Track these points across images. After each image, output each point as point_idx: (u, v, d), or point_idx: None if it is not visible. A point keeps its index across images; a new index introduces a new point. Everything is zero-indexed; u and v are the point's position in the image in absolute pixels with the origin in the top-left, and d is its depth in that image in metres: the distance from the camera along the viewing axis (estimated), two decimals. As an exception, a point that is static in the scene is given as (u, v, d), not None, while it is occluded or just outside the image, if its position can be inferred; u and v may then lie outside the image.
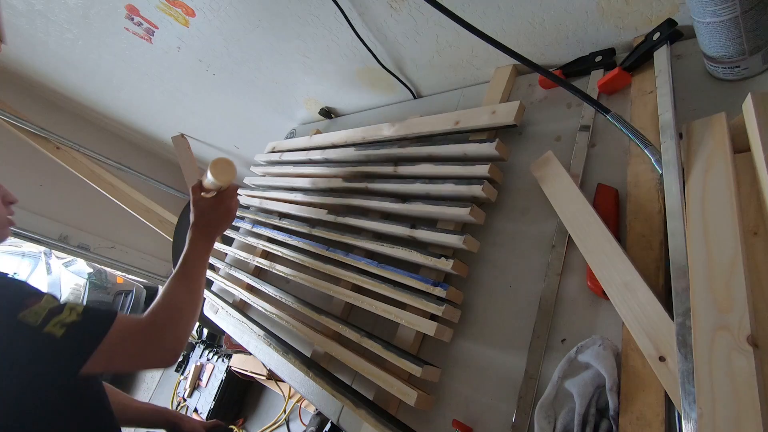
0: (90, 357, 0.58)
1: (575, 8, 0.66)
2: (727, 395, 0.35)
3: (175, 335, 0.67)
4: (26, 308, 0.57)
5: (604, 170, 0.62)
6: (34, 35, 1.43)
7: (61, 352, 0.57)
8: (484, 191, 0.65)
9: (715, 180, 0.45)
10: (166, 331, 0.66)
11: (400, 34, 0.87)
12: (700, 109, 0.56)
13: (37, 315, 0.57)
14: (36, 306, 0.58)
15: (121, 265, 2.40)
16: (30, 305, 0.58)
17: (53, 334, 0.57)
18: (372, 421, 0.63)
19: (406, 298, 0.67)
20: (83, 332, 0.59)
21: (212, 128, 1.86)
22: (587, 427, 0.45)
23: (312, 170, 1.04)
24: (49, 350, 0.57)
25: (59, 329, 0.57)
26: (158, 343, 0.65)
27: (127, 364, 0.67)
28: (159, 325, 0.66)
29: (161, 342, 0.65)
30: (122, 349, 0.61)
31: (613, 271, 0.49)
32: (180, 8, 1.05)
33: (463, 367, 0.64)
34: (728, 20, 0.47)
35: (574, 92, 0.59)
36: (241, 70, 1.25)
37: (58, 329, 0.57)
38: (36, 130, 1.96)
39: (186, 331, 0.70)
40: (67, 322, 0.58)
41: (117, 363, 0.62)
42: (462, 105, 0.91)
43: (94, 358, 0.58)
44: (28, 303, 0.58)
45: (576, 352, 0.51)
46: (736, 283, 0.39)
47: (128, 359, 0.63)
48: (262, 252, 1.12)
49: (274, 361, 0.89)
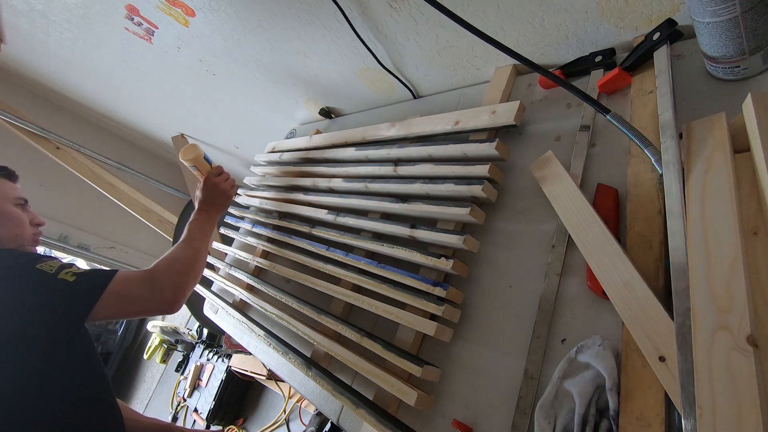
0: (99, 298, 0.67)
1: (575, 8, 0.66)
2: (727, 395, 0.35)
3: (173, 282, 0.75)
4: (42, 262, 0.69)
5: (604, 170, 0.62)
6: (34, 35, 1.43)
7: (74, 294, 0.67)
8: (484, 191, 0.65)
9: (715, 180, 0.45)
10: (164, 278, 0.74)
11: (400, 34, 0.87)
12: (700, 109, 0.56)
13: (51, 267, 0.69)
14: (51, 261, 0.70)
15: (121, 265, 2.40)
16: (45, 261, 0.70)
17: (66, 279, 0.67)
18: (372, 421, 0.63)
19: (406, 298, 0.67)
20: (91, 278, 0.70)
21: (212, 128, 1.86)
22: (587, 427, 0.45)
23: (312, 170, 1.04)
24: (65, 292, 0.66)
25: (71, 276, 0.68)
26: (157, 288, 0.73)
27: (131, 308, 0.72)
28: (158, 272, 0.75)
29: (160, 287, 0.73)
30: (126, 292, 0.70)
31: (613, 271, 0.49)
32: (180, 8, 1.05)
33: (463, 367, 0.64)
34: (728, 20, 0.47)
35: (574, 92, 0.59)
36: (241, 70, 1.25)
37: (70, 276, 0.68)
38: (36, 130, 1.96)
39: (184, 281, 0.78)
40: (77, 272, 0.70)
41: (122, 306, 0.70)
42: (462, 105, 0.91)
43: (103, 300, 0.67)
44: (43, 260, 0.70)
45: (576, 352, 0.51)
46: (736, 283, 0.39)
47: (131, 302, 0.71)
48: (262, 252, 1.12)
49: (274, 361, 0.89)
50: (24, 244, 0.81)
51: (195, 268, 0.82)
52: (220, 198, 0.96)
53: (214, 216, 0.95)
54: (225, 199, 0.98)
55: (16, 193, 0.84)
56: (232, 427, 2.09)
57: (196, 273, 0.82)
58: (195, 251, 0.84)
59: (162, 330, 2.64)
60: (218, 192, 0.96)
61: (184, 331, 2.66)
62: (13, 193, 0.83)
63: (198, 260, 0.84)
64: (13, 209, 0.81)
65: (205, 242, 0.88)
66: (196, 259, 0.83)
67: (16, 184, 0.87)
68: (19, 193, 0.85)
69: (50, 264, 0.69)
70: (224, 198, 0.97)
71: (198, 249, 0.85)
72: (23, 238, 0.80)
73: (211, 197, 0.95)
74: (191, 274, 0.80)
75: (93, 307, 0.67)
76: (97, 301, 0.67)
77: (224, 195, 0.97)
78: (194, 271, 0.81)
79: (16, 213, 0.81)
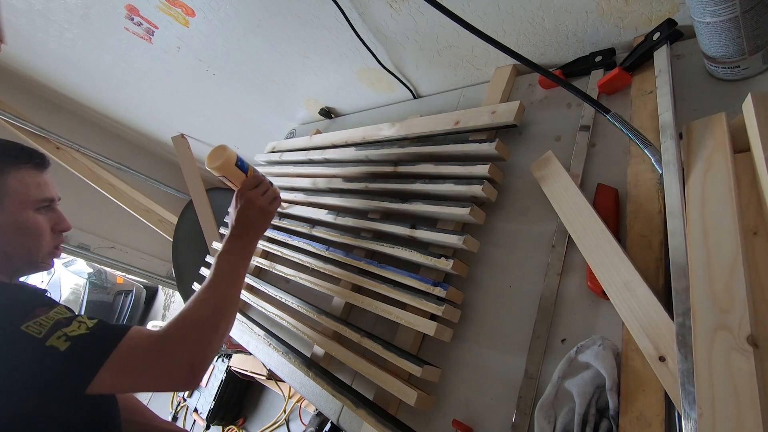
0: (95, 375, 0.52)
1: (575, 8, 0.66)
2: (727, 395, 0.35)
3: (188, 351, 0.58)
4: (32, 318, 0.52)
5: (604, 170, 0.62)
6: (34, 35, 1.43)
7: (63, 369, 0.51)
8: (484, 191, 0.65)
9: (715, 180, 0.45)
10: (177, 347, 0.57)
11: (400, 34, 0.87)
12: (700, 109, 0.56)
13: (42, 326, 0.52)
14: (43, 317, 0.53)
15: (121, 265, 2.41)
16: (37, 315, 0.53)
17: (56, 347, 0.51)
18: (372, 421, 0.63)
19: (406, 298, 0.67)
20: (89, 347, 0.53)
21: (212, 128, 1.86)
22: (587, 427, 0.45)
23: (312, 170, 1.04)
24: (51, 365, 0.51)
25: (63, 342, 0.51)
26: (168, 361, 0.56)
27: (135, 384, 0.57)
28: (170, 340, 0.58)
29: (171, 360, 0.56)
30: (130, 367, 0.54)
31: (613, 271, 0.49)
32: (180, 8, 1.05)
33: (463, 367, 0.64)
34: (728, 20, 0.47)
35: (574, 92, 0.59)
36: (241, 70, 1.25)
37: (62, 342, 0.51)
38: (36, 130, 1.95)
39: (203, 349, 0.60)
40: (72, 335, 0.52)
41: (125, 382, 0.55)
42: (462, 105, 0.91)
43: (100, 377, 0.52)
44: (36, 312, 0.53)
45: (576, 352, 0.51)
46: (736, 283, 0.39)
47: (136, 378, 0.56)
48: (262, 252, 1.11)
49: (274, 361, 0.89)
50: (37, 260, 0.66)
51: (219, 328, 0.63)
52: (257, 219, 0.74)
53: (250, 244, 0.74)
54: (263, 220, 0.75)
55: (40, 193, 0.65)
56: (232, 427, 2.09)
57: (221, 334, 0.63)
58: (220, 302, 0.65)
59: (162, 330, 2.64)
60: (254, 211, 0.73)
61: (184, 331, 2.65)
62: (37, 193, 0.65)
63: (224, 315, 0.65)
64: (33, 217, 0.64)
65: (236, 284, 0.69)
66: (221, 314, 0.64)
67: (44, 175, 0.68)
68: (45, 192, 0.66)
69: (41, 321, 0.53)
70: (262, 218, 0.75)
71: (225, 298, 0.66)
72: (37, 253, 0.65)
73: (245, 218, 0.73)
74: (214, 337, 0.61)
75: (88, 385, 0.52)
76: (93, 376, 0.52)
77: (262, 214, 0.75)
78: (218, 333, 0.62)
79: (34, 222, 0.64)
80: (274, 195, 0.78)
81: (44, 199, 0.66)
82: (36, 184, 0.65)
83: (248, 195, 0.74)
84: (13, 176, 0.63)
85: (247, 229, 0.73)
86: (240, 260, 0.71)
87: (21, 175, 0.64)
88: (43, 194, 0.66)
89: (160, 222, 2.26)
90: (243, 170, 0.76)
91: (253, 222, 0.74)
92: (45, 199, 0.66)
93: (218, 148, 0.76)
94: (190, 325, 0.60)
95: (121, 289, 3.31)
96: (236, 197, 0.75)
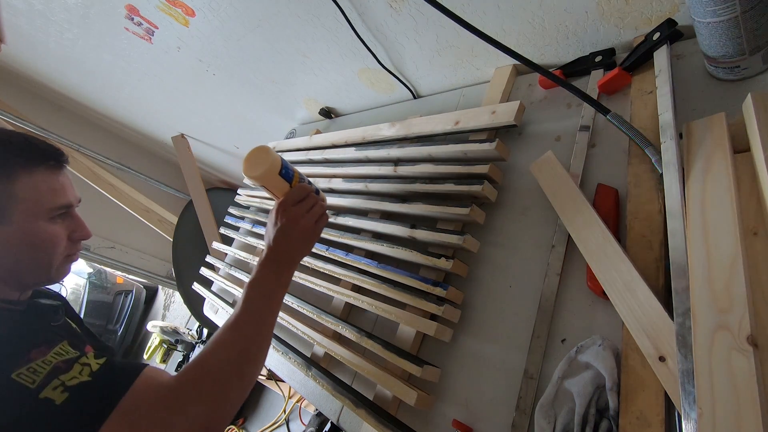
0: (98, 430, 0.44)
1: (575, 8, 0.66)
2: (727, 395, 0.35)
3: (204, 410, 0.48)
4: (27, 363, 0.44)
5: (604, 170, 0.62)
6: (34, 35, 1.43)
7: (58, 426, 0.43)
8: (484, 191, 0.65)
9: (715, 180, 0.45)
10: (190, 403, 0.48)
11: (400, 34, 0.87)
12: (700, 109, 0.56)
13: (36, 374, 0.44)
14: (39, 361, 0.45)
15: (121, 265, 2.41)
16: (33, 358, 0.45)
17: (51, 400, 0.43)
18: (372, 421, 0.63)
19: (406, 298, 0.67)
20: (89, 399, 0.45)
21: (212, 128, 1.86)
22: (587, 427, 0.45)
23: (312, 170, 1.04)
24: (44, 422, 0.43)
25: (60, 394, 0.43)
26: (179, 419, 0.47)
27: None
28: (183, 394, 0.48)
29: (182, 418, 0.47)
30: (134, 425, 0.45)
31: (613, 271, 0.49)
32: (180, 8, 1.05)
33: (463, 367, 0.64)
34: (728, 20, 0.47)
35: (574, 92, 0.59)
36: (241, 70, 1.25)
37: (59, 394, 0.43)
38: (36, 130, 1.96)
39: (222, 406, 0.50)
40: (71, 384, 0.44)
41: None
42: (462, 105, 0.91)
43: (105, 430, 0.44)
44: (30, 356, 0.45)
45: (576, 352, 0.51)
46: (736, 283, 0.39)
47: None
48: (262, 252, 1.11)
49: (274, 361, 0.89)
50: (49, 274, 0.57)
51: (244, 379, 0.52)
52: (298, 242, 0.62)
53: (287, 271, 0.61)
54: (305, 244, 0.63)
55: (55, 199, 0.56)
56: (232, 427, 2.09)
57: (246, 383, 0.53)
58: (247, 344, 0.54)
59: (162, 330, 2.64)
60: (296, 232, 0.62)
61: (184, 331, 2.66)
62: (51, 200, 0.55)
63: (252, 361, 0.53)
64: (45, 228, 0.55)
65: (267, 322, 0.57)
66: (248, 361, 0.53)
67: (60, 177, 0.57)
68: (61, 198, 0.56)
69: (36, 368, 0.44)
70: (304, 242, 0.63)
71: (253, 340, 0.54)
72: (49, 267, 0.57)
73: (284, 240, 0.61)
74: (237, 390, 0.51)
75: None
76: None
77: (305, 236, 0.63)
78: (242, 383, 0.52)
79: (46, 234, 0.55)
80: (321, 212, 0.64)
81: (60, 206, 0.56)
82: (51, 190, 0.55)
83: (291, 213, 0.62)
84: (23, 182, 0.53)
85: (284, 253, 0.61)
86: (274, 291, 0.59)
87: (34, 179, 0.54)
88: (59, 201, 0.56)
89: (160, 222, 2.26)
90: (287, 179, 0.63)
91: (293, 245, 0.62)
92: (61, 207, 0.56)
93: (259, 151, 0.62)
94: (207, 376, 0.50)
95: (121, 289, 3.31)
96: (276, 212, 0.62)
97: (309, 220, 0.63)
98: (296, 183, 0.64)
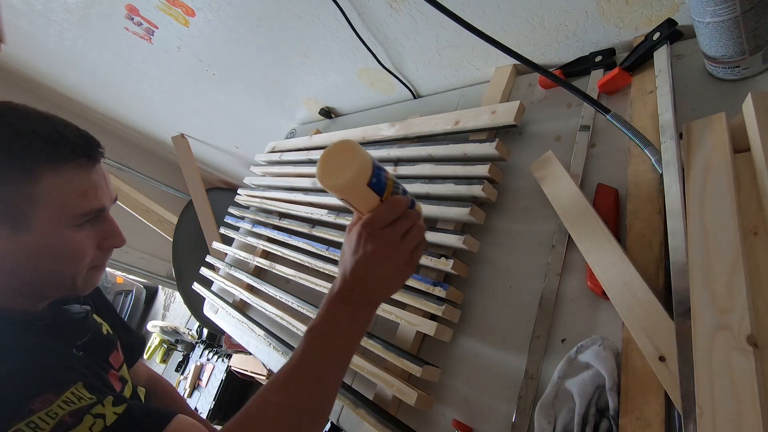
0: None
1: (575, 8, 0.66)
2: (727, 395, 0.35)
3: None
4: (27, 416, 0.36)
5: (604, 170, 0.62)
6: (34, 35, 1.43)
7: None
8: (484, 191, 0.65)
9: (715, 180, 0.45)
10: None
11: (400, 34, 0.87)
12: (700, 109, 0.56)
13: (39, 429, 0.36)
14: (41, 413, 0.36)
15: (121, 265, 2.40)
16: (35, 410, 0.37)
17: None
18: (372, 421, 0.63)
19: (406, 298, 0.67)
20: None
21: (212, 128, 1.86)
22: (587, 427, 0.45)
23: (312, 170, 1.04)
24: None
25: None
26: None
27: None
28: None
29: None
30: None
31: (613, 271, 0.49)
32: (180, 8, 1.05)
33: (463, 366, 0.64)
34: (728, 20, 0.47)
35: (574, 92, 0.59)
36: (241, 70, 1.25)
37: None
38: (36, 130, 1.95)
39: None
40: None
41: None
42: (462, 105, 0.91)
43: None
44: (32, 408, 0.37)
45: (576, 352, 0.51)
46: (736, 283, 0.39)
47: None
48: (262, 252, 1.12)
49: (274, 361, 0.89)
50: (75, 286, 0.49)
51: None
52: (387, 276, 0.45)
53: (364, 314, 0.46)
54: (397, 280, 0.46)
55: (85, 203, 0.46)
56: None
57: None
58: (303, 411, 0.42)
59: (162, 330, 2.64)
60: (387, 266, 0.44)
61: (184, 331, 2.66)
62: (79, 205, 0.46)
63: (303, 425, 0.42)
64: (71, 237, 0.46)
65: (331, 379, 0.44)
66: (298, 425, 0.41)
67: (93, 174, 0.48)
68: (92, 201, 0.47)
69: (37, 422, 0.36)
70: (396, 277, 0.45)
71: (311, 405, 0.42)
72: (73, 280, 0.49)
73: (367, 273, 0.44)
74: None
75: None
76: None
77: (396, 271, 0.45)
78: None
79: (72, 244, 0.46)
80: (419, 238, 0.45)
81: (89, 211, 0.47)
82: (80, 192, 0.46)
83: (382, 239, 0.43)
84: (47, 182, 0.44)
85: (365, 291, 0.44)
86: (344, 340, 0.45)
87: (59, 180, 0.44)
88: (88, 205, 0.47)
89: (160, 222, 2.26)
90: (378, 191, 0.43)
91: (378, 282, 0.44)
92: (90, 212, 0.47)
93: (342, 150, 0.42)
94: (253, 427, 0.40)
95: (121, 289, 3.31)
96: (359, 235, 0.43)
97: (404, 249, 0.44)
98: (389, 194, 0.44)
